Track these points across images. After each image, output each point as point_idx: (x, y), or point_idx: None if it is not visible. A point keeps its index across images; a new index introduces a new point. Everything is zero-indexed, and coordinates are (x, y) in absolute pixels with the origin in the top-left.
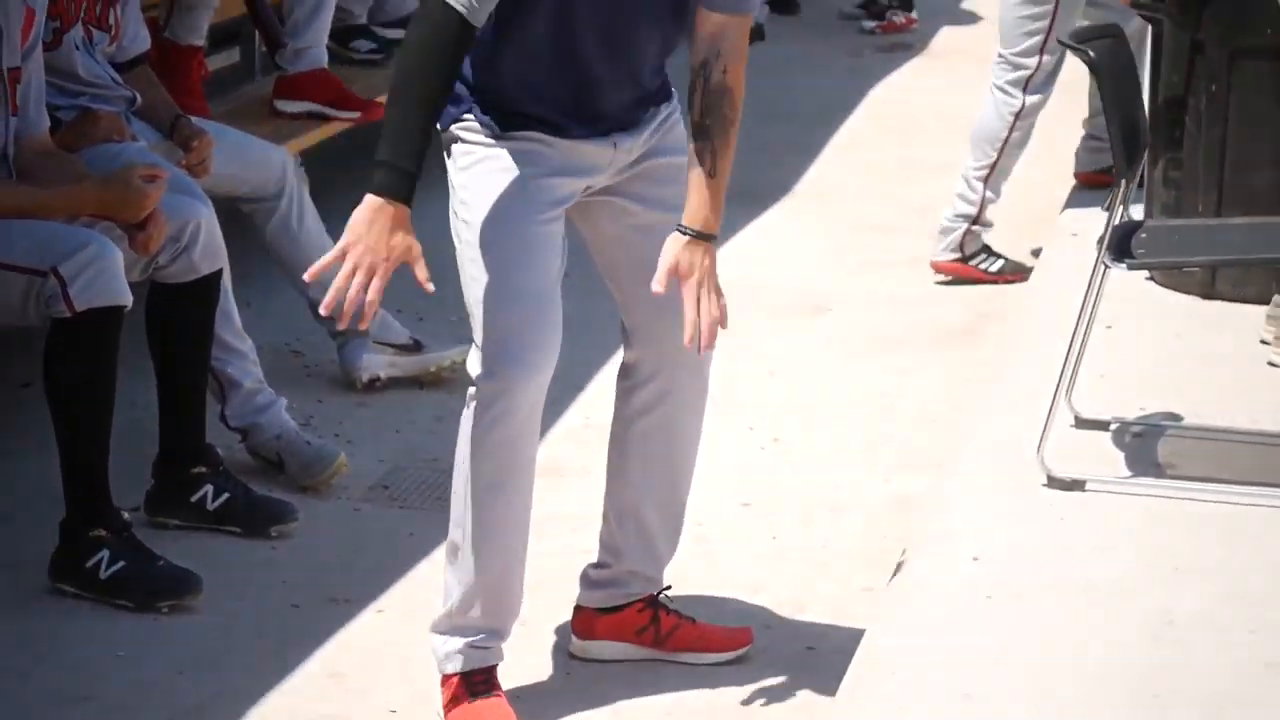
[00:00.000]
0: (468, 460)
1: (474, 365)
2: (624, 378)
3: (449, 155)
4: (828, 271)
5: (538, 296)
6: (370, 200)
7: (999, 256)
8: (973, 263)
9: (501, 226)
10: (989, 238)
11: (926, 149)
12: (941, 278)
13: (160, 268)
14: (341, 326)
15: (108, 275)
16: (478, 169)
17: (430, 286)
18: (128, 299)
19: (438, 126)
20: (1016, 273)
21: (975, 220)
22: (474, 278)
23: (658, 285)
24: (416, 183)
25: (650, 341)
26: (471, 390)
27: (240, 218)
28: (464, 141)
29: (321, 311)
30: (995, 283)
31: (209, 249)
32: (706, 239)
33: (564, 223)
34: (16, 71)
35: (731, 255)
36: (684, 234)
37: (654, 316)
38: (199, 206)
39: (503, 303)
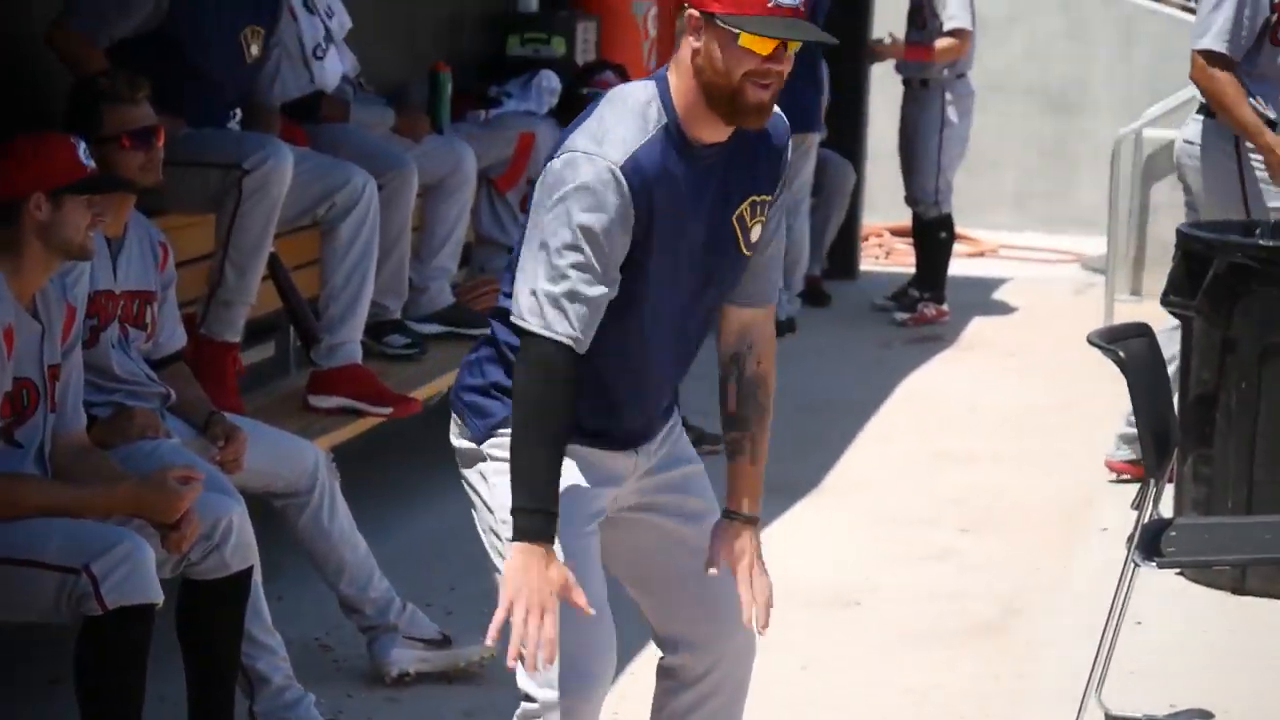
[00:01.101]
0: None
1: (531, 683)
2: (666, 678)
3: (477, 471)
4: (858, 565)
5: (596, 608)
6: (519, 548)
7: None
8: None
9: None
10: None
11: (957, 441)
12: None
13: (191, 565)
14: (530, 669)
15: (140, 573)
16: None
17: (591, 610)
18: (159, 597)
19: (466, 441)
20: None
21: None
22: None
23: (713, 569)
24: (555, 519)
25: (697, 647)
26: (531, 707)
27: (271, 508)
28: (496, 460)
29: (509, 664)
30: None
31: (240, 547)
32: (752, 522)
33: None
34: (56, 369)
35: (762, 549)
36: (731, 519)
37: (699, 623)
38: (231, 504)
39: (563, 621)
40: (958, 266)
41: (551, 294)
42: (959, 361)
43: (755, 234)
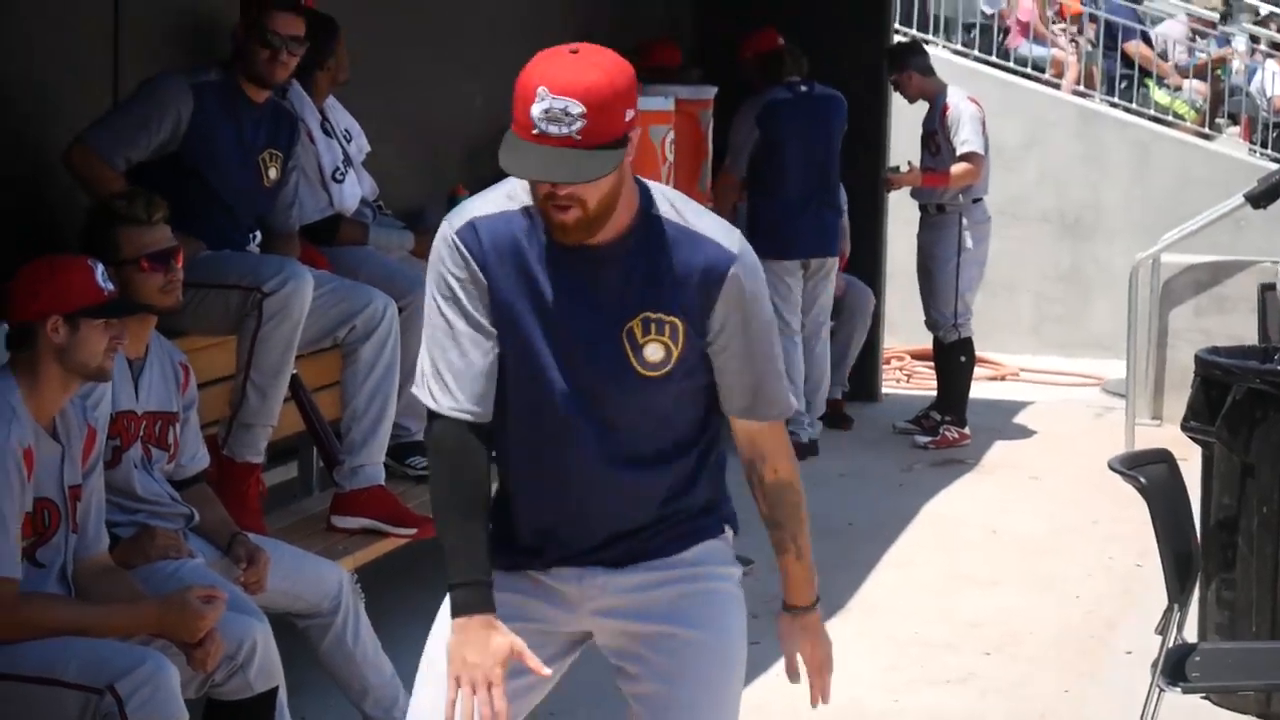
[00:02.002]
0: None
1: None
2: None
3: None
4: (881, 688)
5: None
6: (457, 624)
7: None
8: None
9: (428, 667)
10: None
11: (978, 565)
12: None
13: (216, 686)
14: None
15: (164, 693)
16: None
17: (546, 670)
18: (184, 717)
19: None
20: None
21: None
22: None
23: (793, 677)
24: (491, 588)
25: None
26: None
27: (296, 629)
28: None
29: None
30: None
31: (264, 667)
32: (810, 609)
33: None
34: (77, 489)
35: (784, 672)
36: (792, 613)
37: None
38: (254, 624)
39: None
40: (979, 390)
41: (430, 369)
42: (981, 485)
43: (652, 354)
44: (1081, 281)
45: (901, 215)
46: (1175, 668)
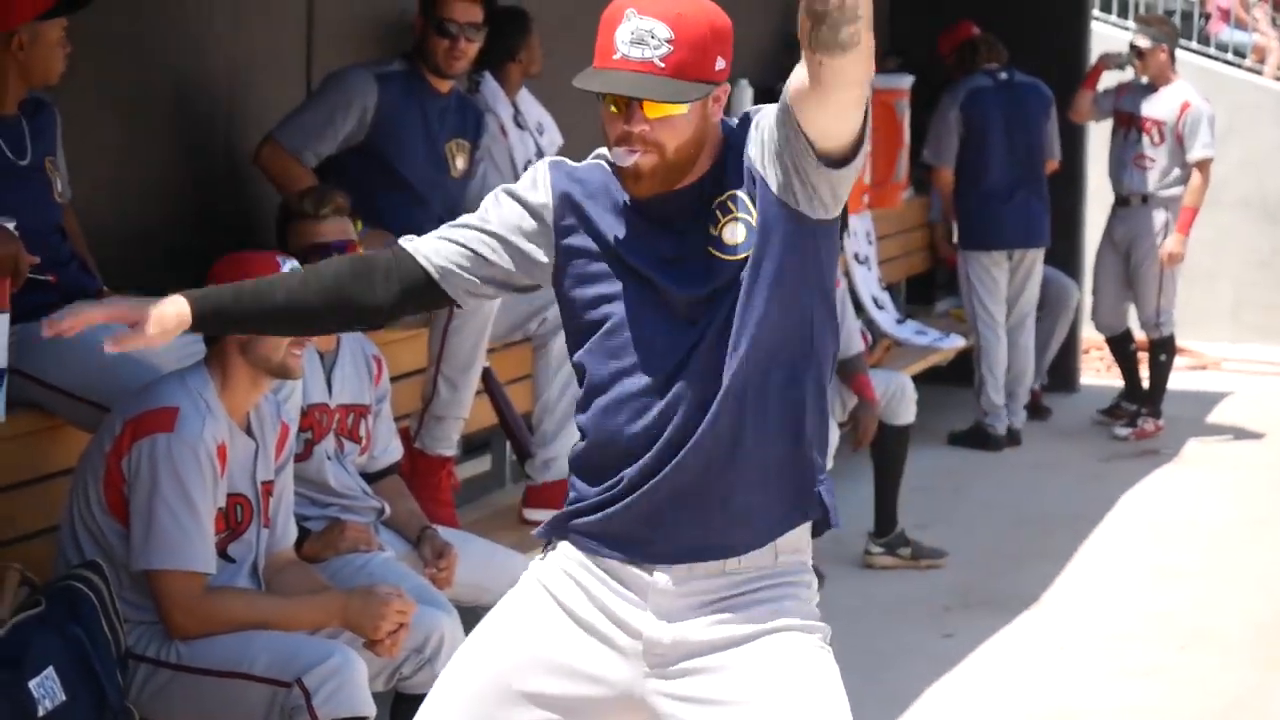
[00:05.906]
0: None
1: None
2: None
3: None
4: (1074, 680)
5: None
6: None
7: None
8: None
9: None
10: None
11: (1174, 556)
12: None
13: (404, 678)
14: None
15: (351, 686)
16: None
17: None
18: (371, 710)
19: None
20: None
21: None
22: None
23: None
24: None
25: None
26: None
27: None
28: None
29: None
30: None
31: None
32: None
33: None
34: (269, 485)
35: (977, 664)
36: None
37: None
38: (442, 618)
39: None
40: (1180, 380)
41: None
42: (1180, 476)
43: (730, 235)
44: None
45: (1100, 204)
46: None
